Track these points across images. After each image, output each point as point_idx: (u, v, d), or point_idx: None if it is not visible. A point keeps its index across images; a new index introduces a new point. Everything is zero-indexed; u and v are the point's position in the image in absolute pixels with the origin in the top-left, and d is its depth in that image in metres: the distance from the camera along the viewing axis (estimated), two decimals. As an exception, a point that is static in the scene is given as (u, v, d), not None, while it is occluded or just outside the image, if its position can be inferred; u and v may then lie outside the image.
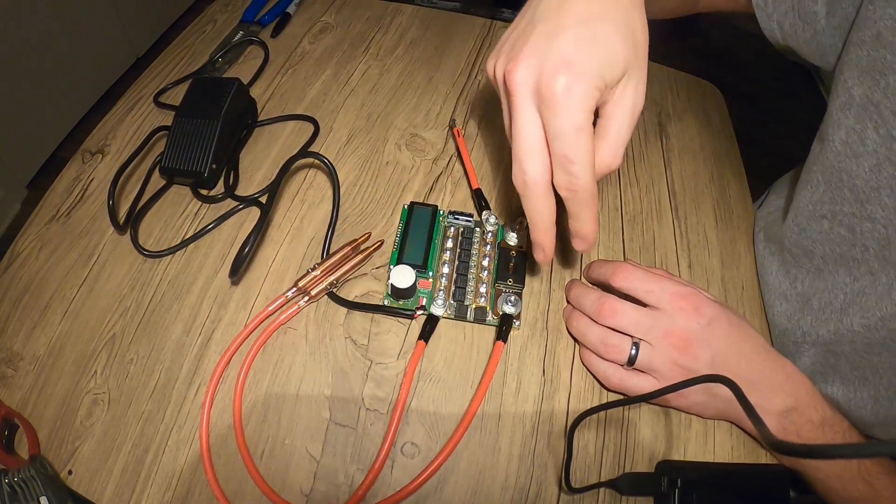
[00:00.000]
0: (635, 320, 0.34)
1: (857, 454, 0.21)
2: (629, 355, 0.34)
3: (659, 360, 0.34)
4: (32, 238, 0.41)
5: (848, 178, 0.35)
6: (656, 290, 0.35)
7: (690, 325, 0.34)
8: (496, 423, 0.35)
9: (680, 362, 0.33)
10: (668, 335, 0.34)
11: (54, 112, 1.36)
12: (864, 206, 0.34)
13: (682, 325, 0.34)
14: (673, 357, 0.33)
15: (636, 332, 0.34)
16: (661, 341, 0.34)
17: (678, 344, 0.33)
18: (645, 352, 0.34)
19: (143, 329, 0.37)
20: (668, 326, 0.34)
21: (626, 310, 0.35)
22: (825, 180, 0.37)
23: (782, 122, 1.85)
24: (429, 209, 0.42)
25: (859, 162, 0.34)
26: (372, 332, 0.37)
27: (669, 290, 0.34)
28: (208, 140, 0.43)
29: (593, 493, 0.33)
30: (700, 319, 0.34)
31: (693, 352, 0.33)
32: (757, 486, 0.32)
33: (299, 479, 0.32)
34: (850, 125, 0.34)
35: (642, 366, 0.34)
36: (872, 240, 0.34)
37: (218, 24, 0.58)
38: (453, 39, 0.58)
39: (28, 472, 0.29)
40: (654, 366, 0.34)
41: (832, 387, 0.37)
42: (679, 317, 0.34)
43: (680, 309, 0.34)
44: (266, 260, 0.40)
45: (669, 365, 0.34)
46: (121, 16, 1.48)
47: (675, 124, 0.53)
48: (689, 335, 0.33)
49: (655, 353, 0.34)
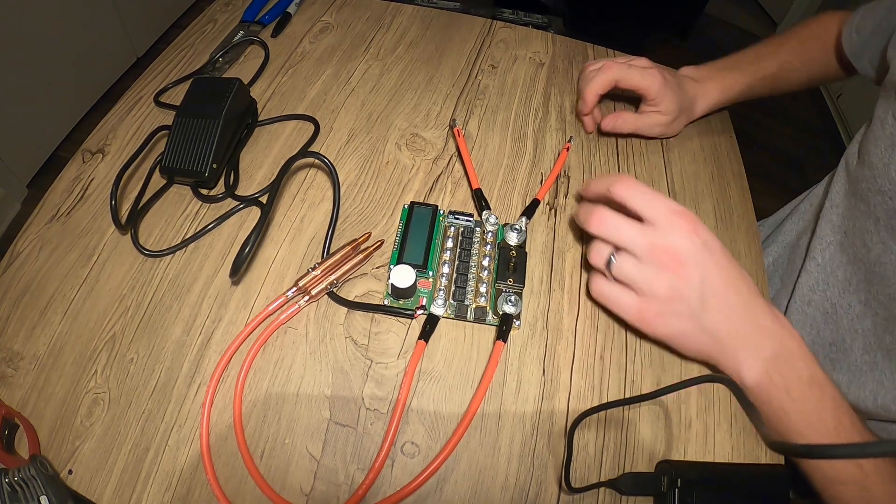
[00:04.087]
0: (623, 229, 0.33)
1: (858, 454, 0.21)
2: (606, 260, 0.33)
3: (641, 274, 0.33)
4: (32, 238, 0.41)
5: (868, 156, 0.39)
6: (653, 204, 0.33)
7: (684, 243, 0.32)
8: (496, 423, 0.35)
9: (665, 279, 0.32)
10: (655, 249, 0.32)
11: (54, 112, 1.36)
12: (875, 181, 0.38)
13: (675, 241, 0.32)
14: (658, 273, 0.32)
15: (623, 243, 0.33)
16: (648, 255, 0.33)
17: (667, 260, 0.32)
18: (628, 263, 0.33)
19: (143, 329, 0.37)
20: (658, 241, 0.32)
21: (613, 219, 0.34)
22: (858, 160, 0.42)
23: (782, 122, 1.85)
24: (429, 209, 0.42)
25: (877, 143, 0.39)
26: (372, 332, 0.37)
27: (667, 205, 0.33)
28: (209, 140, 0.43)
29: (593, 493, 0.33)
30: (695, 239, 0.32)
31: (684, 272, 0.32)
32: (757, 486, 0.32)
33: (299, 478, 0.32)
34: (879, 114, 0.41)
35: (623, 277, 0.33)
36: (883, 211, 0.38)
37: (218, 23, 0.58)
38: (453, 39, 0.58)
39: (28, 472, 0.29)
40: (635, 278, 0.33)
41: (838, 374, 0.38)
42: (673, 233, 0.32)
43: (675, 226, 0.32)
44: (266, 259, 0.40)
45: (651, 280, 0.32)
46: (121, 16, 1.48)
47: (676, 124, 0.53)
48: (680, 253, 0.32)
49: (638, 267, 0.33)
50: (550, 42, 0.59)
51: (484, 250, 0.40)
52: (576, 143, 0.50)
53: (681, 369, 0.38)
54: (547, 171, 0.47)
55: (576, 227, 0.44)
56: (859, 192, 0.42)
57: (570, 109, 0.53)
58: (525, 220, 0.42)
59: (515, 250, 0.40)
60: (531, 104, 0.53)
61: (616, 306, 0.35)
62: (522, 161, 0.48)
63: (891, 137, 0.38)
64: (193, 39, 0.56)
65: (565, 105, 0.53)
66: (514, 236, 0.40)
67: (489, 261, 0.40)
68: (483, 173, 0.47)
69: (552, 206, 0.45)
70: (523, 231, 0.41)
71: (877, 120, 0.41)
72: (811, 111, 1.90)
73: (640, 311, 0.34)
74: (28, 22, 1.20)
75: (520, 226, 0.41)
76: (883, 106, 0.41)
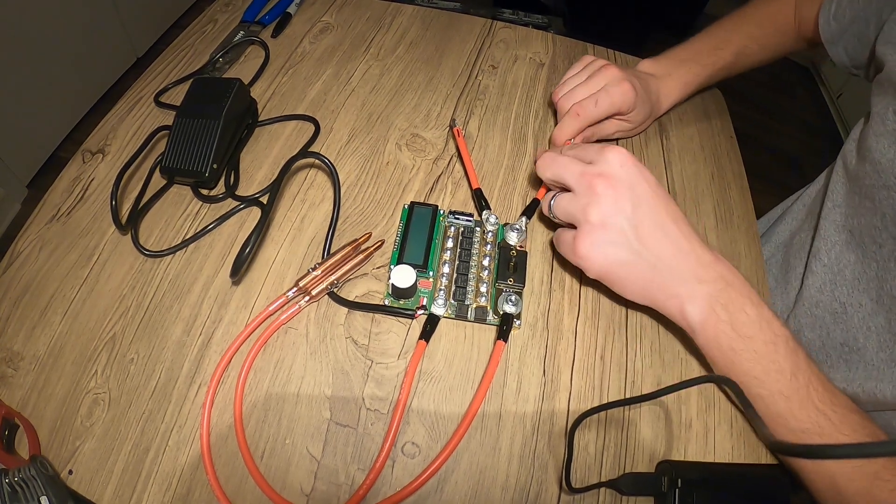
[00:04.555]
0: (561, 164, 0.34)
1: (858, 454, 0.21)
2: (548, 205, 0.35)
3: (574, 204, 0.33)
4: (32, 238, 0.41)
5: (869, 153, 0.39)
6: (586, 147, 0.35)
7: (614, 168, 0.32)
8: (497, 423, 0.35)
9: (596, 205, 0.32)
10: (586, 175, 0.32)
11: (54, 112, 1.36)
12: (880, 177, 0.38)
13: (605, 168, 0.32)
14: (589, 201, 0.32)
15: (561, 178, 0.34)
16: (580, 184, 0.33)
17: (598, 187, 0.32)
18: (564, 199, 0.33)
19: (143, 329, 0.37)
20: (590, 169, 0.33)
21: (554, 158, 0.35)
22: (858, 157, 0.42)
23: (782, 121, 1.85)
24: (429, 209, 0.42)
25: (879, 140, 0.39)
26: (372, 332, 0.37)
27: (600, 145, 0.34)
28: (209, 140, 0.43)
29: (594, 493, 0.33)
30: (628, 167, 0.32)
31: (614, 195, 0.31)
32: (757, 486, 0.32)
33: (300, 478, 0.32)
34: (877, 110, 0.41)
35: (561, 214, 0.34)
36: (889, 207, 0.38)
37: (218, 23, 0.58)
38: (453, 39, 0.58)
39: (28, 472, 0.29)
40: (569, 210, 0.33)
41: (854, 372, 0.38)
42: (604, 161, 0.33)
43: (607, 155, 0.33)
44: (267, 260, 0.40)
45: (583, 208, 0.32)
46: (121, 16, 1.48)
47: (675, 124, 0.53)
48: (611, 177, 0.32)
49: (573, 199, 0.33)
50: (550, 42, 0.59)
51: (484, 250, 0.40)
52: (576, 144, 0.50)
53: (681, 370, 0.38)
54: (547, 171, 0.47)
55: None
56: (863, 189, 0.42)
57: (571, 109, 0.53)
58: (525, 219, 0.42)
59: (516, 250, 0.40)
60: (531, 104, 0.53)
61: (559, 245, 0.35)
62: (523, 161, 0.48)
63: (893, 133, 0.38)
64: (193, 39, 0.56)
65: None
66: (514, 236, 0.40)
67: (489, 261, 0.40)
68: (483, 173, 0.47)
69: (552, 207, 0.45)
70: (524, 231, 0.41)
71: (876, 116, 0.41)
72: (811, 111, 1.90)
73: (576, 244, 0.33)
74: (28, 22, 1.20)
75: (520, 226, 0.41)
76: (881, 102, 0.41)
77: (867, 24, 0.45)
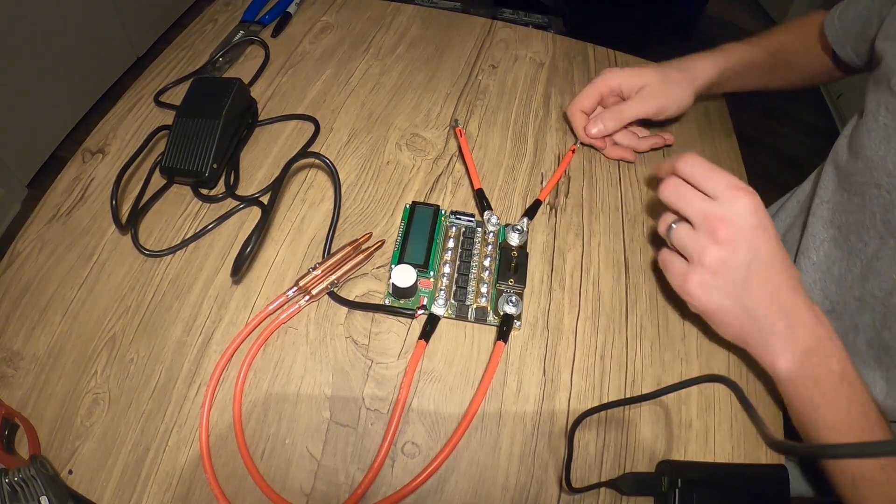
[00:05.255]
0: (684, 197, 0.34)
1: (858, 454, 0.20)
2: (667, 227, 0.35)
3: (693, 241, 0.33)
4: (32, 238, 0.41)
5: (861, 150, 0.39)
6: (713, 177, 0.33)
7: (739, 217, 0.32)
8: (497, 423, 0.35)
9: (714, 249, 0.32)
10: (710, 218, 0.32)
11: (54, 112, 1.35)
12: (871, 174, 0.38)
13: (730, 214, 0.32)
14: (709, 242, 0.32)
15: (683, 210, 0.34)
16: (702, 223, 0.33)
17: (719, 232, 0.32)
18: (683, 230, 0.34)
19: (143, 329, 0.37)
20: (715, 211, 0.33)
21: (679, 187, 0.34)
22: (849, 153, 0.42)
23: (782, 122, 1.85)
24: (430, 209, 0.42)
25: (871, 136, 0.39)
26: (372, 332, 0.37)
27: (727, 180, 0.33)
28: (209, 140, 0.43)
29: (594, 493, 0.33)
30: (751, 218, 0.32)
31: (733, 245, 0.32)
32: (757, 486, 0.32)
33: (300, 478, 0.32)
34: (870, 107, 0.41)
35: (678, 243, 0.34)
36: (878, 205, 0.38)
37: (218, 23, 0.58)
38: (453, 39, 0.58)
39: (28, 472, 0.29)
40: (686, 244, 0.33)
41: None
42: (730, 206, 0.32)
43: (733, 199, 0.32)
44: (267, 259, 0.40)
45: (701, 248, 0.33)
46: (121, 16, 1.48)
47: (676, 124, 0.53)
48: (733, 225, 0.32)
49: (692, 234, 0.33)
50: (550, 42, 0.59)
51: (485, 250, 0.40)
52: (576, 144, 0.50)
53: (681, 369, 0.38)
54: (547, 171, 0.47)
55: (576, 227, 0.44)
56: (853, 186, 0.42)
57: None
58: (527, 220, 0.42)
59: (516, 251, 0.40)
60: (531, 104, 0.53)
61: (667, 272, 0.35)
62: (523, 161, 0.48)
63: (885, 129, 0.38)
64: (193, 39, 0.56)
65: (565, 105, 0.53)
66: (515, 237, 0.40)
67: (490, 261, 0.40)
68: (483, 173, 0.46)
69: (553, 207, 0.45)
70: (525, 231, 0.41)
71: (868, 113, 0.41)
72: (811, 111, 1.90)
73: (685, 278, 0.34)
74: (28, 22, 1.20)
75: (521, 226, 0.41)
76: (875, 98, 0.41)
77: (870, 22, 0.45)
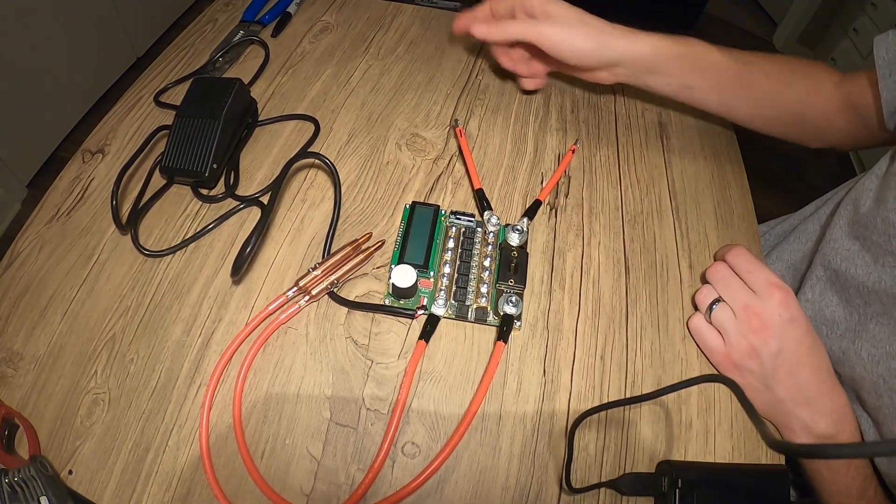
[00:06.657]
0: (730, 285, 0.38)
1: (858, 454, 0.21)
2: (709, 304, 0.38)
3: (732, 326, 0.37)
4: (32, 238, 0.41)
5: (884, 207, 0.39)
6: (755, 273, 0.37)
7: (773, 313, 0.36)
8: (497, 424, 0.35)
9: (750, 338, 0.36)
10: (749, 310, 0.36)
11: (54, 112, 1.35)
12: (890, 241, 0.38)
13: (766, 309, 0.36)
14: (745, 330, 0.36)
15: (726, 296, 0.38)
16: (741, 312, 0.36)
17: (755, 322, 0.36)
18: (724, 313, 0.37)
19: (143, 329, 0.37)
20: (753, 304, 0.36)
21: (726, 275, 0.38)
22: (874, 202, 0.41)
23: (782, 122, 1.85)
24: (430, 209, 0.42)
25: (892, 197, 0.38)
26: (372, 332, 0.37)
27: (767, 277, 0.37)
28: (209, 140, 0.43)
29: (594, 494, 0.33)
30: (783, 313, 0.36)
31: (765, 336, 0.35)
32: (757, 486, 0.32)
33: (300, 478, 0.32)
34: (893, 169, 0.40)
35: (718, 323, 0.37)
36: (889, 275, 0.38)
37: (218, 23, 0.58)
38: (453, 39, 0.58)
39: (28, 472, 0.29)
40: (726, 327, 0.37)
41: None
42: (766, 302, 0.36)
43: (770, 295, 0.36)
44: (267, 260, 0.40)
45: (738, 334, 0.36)
46: (121, 16, 1.48)
47: (675, 124, 0.53)
48: (768, 320, 0.36)
49: (732, 320, 0.37)
50: (551, 42, 0.59)
51: (485, 251, 0.40)
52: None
53: (681, 369, 0.38)
54: (547, 171, 0.47)
55: (576, 227, 0.44)
56: (867, 243, 0.40)
57: (571, 109, 0.53)
58: (527, 220, 0.42)
59: (517, 251, 0.40)
60: (531, 104, 0.53)
61: (703, 344, 0.39)
62: (523, 161, 0.48)
63: None
64: (193, 39, 0.56)
65: (566, 105, 0.53)
66: (515, 237, 0.40)
67: (490, 261, 0.40)
68: (483, 173, 0.46)
69: (553, 207, 0.45)
70: (525, 232, 0.41)
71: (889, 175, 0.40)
72: (811, 111, 1.90)
73: (721, 356, 0.37)
74: (28, 22, 1.20)
75: (521, 226, 0.41)
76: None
77: None
